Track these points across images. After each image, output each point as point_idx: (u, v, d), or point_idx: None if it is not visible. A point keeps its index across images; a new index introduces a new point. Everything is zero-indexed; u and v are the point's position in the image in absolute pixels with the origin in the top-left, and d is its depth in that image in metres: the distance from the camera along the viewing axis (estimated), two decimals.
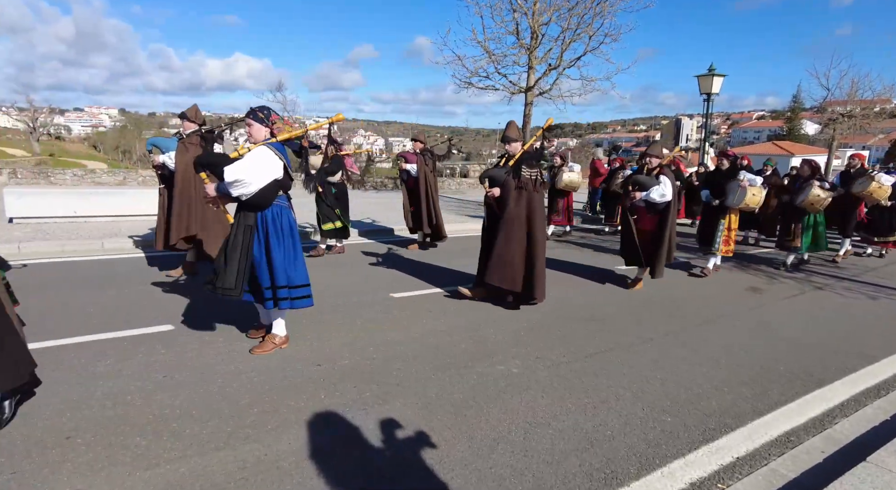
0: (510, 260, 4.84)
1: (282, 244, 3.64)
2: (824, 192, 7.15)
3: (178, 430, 2.73)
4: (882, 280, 7.18)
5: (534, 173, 4.90)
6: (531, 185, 4.88)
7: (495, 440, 2.77)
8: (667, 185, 5.62)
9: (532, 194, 4.89)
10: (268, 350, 3.78)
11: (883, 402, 3.46)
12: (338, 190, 7.23)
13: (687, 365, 3.90)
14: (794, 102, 59.66)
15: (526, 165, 4.85)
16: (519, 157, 4.87)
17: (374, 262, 6.94)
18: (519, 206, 4.86)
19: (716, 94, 13.38)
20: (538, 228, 4.92)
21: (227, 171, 3.36)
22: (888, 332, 4.92)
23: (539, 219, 4.93)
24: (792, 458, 2.73)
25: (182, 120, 5.61)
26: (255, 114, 3.59)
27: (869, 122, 24.36)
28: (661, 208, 5.76)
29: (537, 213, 4.92)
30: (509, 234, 4.85)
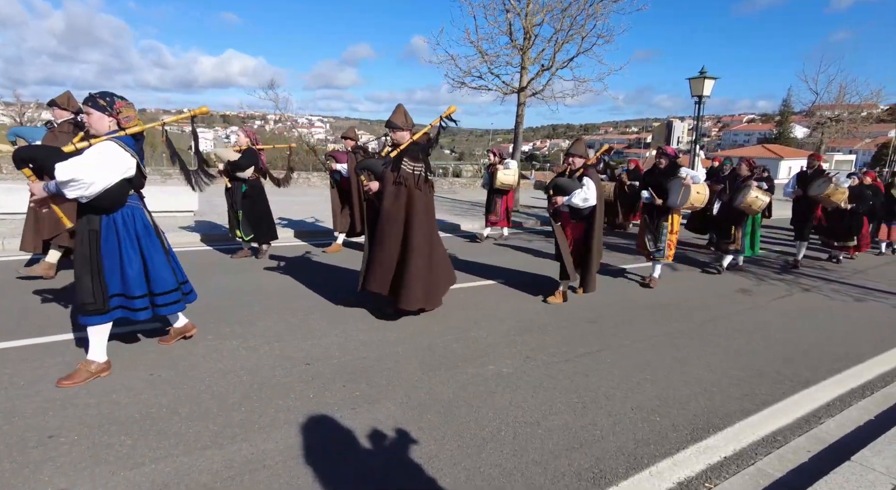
0: (381, 260, 4.39)
1: (136, 249, 3.23)
2: (763, 194, 6.86)
3: (164, 428, 2.69)
4: (869, 282, 7.27)
5: (418, 168, 4.32)
6: (412, 181, 4.30)
7: (485, 440, 2.76)
8: (590, 188, 5.06)
9: (413, 191, 4.31)
10: (78, 381, 3.10)
11: (867, 403, 3.50)
12: (250, 189, 6.50)
13: (677, 365, 3.92)
14: (784, 106, 60.43)
15: (409, 158, 4.30)
16: (404, 148, 4.34)
17: None
18: (397, 203, 4.32)
19: (707, 97, 13.49)
20: (416, 230, 4.34)
21: (59, 168, 2.82)
22: (874, 333, 4.98)
23: (418, 220, 4.34)
24: (778, 458, 2.75)
25: (52, 108, 5.10)
26: (95, 101, 3.05)
27: (856, 126, 24.72)
28: (587, 214, 5.21)
29: (417, 212, 4.34)
30: (382, 234, 4.38)
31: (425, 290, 4.47)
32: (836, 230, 8.59)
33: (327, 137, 58.95)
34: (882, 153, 39.97)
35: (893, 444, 2.75)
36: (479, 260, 7.39)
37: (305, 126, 79.99)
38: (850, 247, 8.59)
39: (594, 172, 5.23)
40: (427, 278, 4.47)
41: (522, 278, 6.39)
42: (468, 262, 7.17)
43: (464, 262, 7.12)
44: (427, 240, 4.47)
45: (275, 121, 36.25)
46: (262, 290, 5.34)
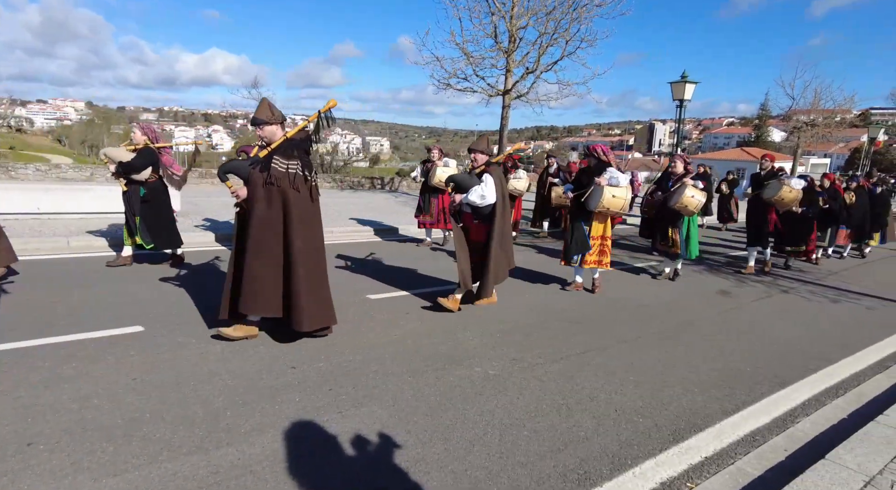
0: (261, 277, 3.78)
1: None
2: (699, 193, 6.42)
3: (148, 434, 2.66)
4: (843, 283, 7.48)
5: (293, 166, 3.79)
6: (287, 181, 3.76)
7: (471, 442, 2.78)
8: (488, 185, 4.72)
9: (289, 193, 3.76)
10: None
11: (841, 402, 3.61)
12: (150, 192, 5.87)
13: (659, 366, 3.99)
14: (762, 110, 61.77)
15: (282, 155, 3.78)
16: (279, 145, 3.80)
17: (351, 263, 6.89)
18: (271, 208, 3.76)
19: (688, 101, 13.72)
20: (298, 238, 3.80)
21: None
22: (847, 334, 5.13)
23: (300, 226, 3.80)
24: (757, 457, 2.82)
25: None
26: None
27: (830, 130, 25.39)
28: (488, 214, 4.82)
29: (297, 218, 3.80)
30: (259, 245, 3.77)
31: (321, 305, 3.93)
32: (787, 235, 8.29)
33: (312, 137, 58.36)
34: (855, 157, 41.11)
35: (865, 442, 2.85)
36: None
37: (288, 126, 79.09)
38: (801, 251, 8.31)
39: (497, 170, 4.93)
40: (319, 292, 3.95)
41: (509, 280, 6.42)
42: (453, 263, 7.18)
43: (449, 263, 7.15)
44: (314, 250, 3.95)
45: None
46: None
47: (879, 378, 4.07)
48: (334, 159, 25.21)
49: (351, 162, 28.05)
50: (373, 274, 6.34)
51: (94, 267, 5.96)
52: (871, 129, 24.81)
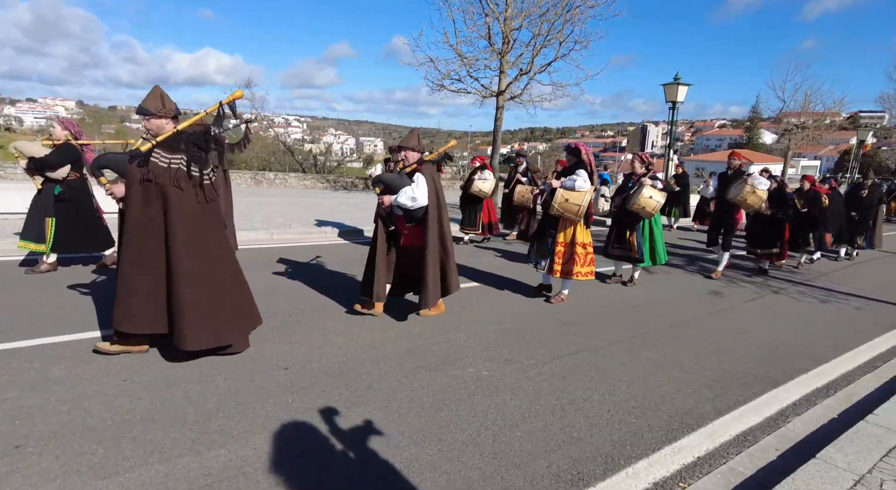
0: (137, 288, 3.35)
1: None
2: (658, 193, 6.06)
3: (138, 436, 2.63)
4: (832, 284, 7.55)
5: (176, 160, 3.35)
6: (168, 178, 3.31)
7: (465, 443, 2.78)
8: (419, 186, 4.34)
9: (170, 192, 3.33)
10: None
11: (831, 401, 3.64)
12: (67, 191, 5.43)
13: (653, 367, 4.01)
14: (754, 112, 62.37)
15: (165, 149, 3.34)
16: (164, 138, 3.35)
17: (344, 263, 6.87)
18: (148, 208, 3.32)
19: (681, 103, 13.82)
20: (183, 243, 3.35)
21: None
22: (837, 334, 5.18)
23: (181, 228, 3.35)
24: (749, 457, 2.84)
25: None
26: None
27: (820, 133, 25.65)
28: (421, 217, 4.45)
29: (181, 220, 3.35)
30: (134, 251, 3.35)
31: (214, 322, 3.46)
32: (757, 237, 8.03)
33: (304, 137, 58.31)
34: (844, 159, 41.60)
35: (855, 442, 2.88)
36: (458, 262, 7.42)
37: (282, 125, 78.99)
38: (772, 255, 7.95)
39: (430, 169, 4.53)
40: (212, 307, 3.45)
41: (502, 281, 6.44)
42: None
43: None
44: (207, 258, 3.48)
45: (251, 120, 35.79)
46: None
47: (869, 378, 4.11)
48: (328, 160, 25.13)
49: (345, 162, 27.95)
50: None
51: (87, 266, 5.89)
52: (860, 131, 25.10)
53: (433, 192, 4.45)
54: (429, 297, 4.42)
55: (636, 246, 6.32)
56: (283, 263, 6.72)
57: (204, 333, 3.42)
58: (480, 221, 8.95)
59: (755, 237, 8.04)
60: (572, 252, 5.37)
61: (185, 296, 3.36)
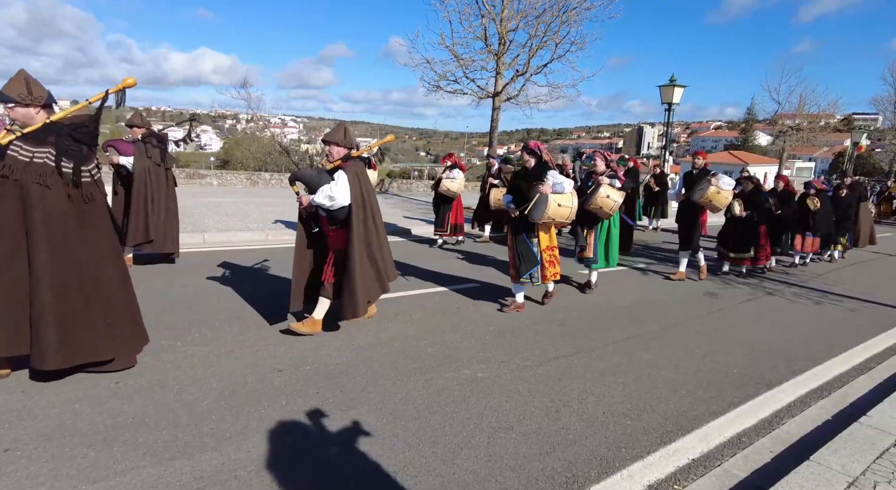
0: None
1: None
2: (615, 192, 5.74)
3: (130, 439, 2.61)
4: (826, 286, 7.58)
5: (41, 154, 2.94)
6: (31, 174, 2.90)
7: (459, 445, 2.77)
8: (340, 184, 3.92)
9: (31, 189, 2.90)
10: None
11: (826, 403, 3.65)
12: None
13: (647, 368, 4.01)
14: (749, 114, 62.68)
15: (29, 142, 2.93)
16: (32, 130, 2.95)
17: None
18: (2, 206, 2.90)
19: (676, 104, 13.87)
20: (43, 248, 2.92)
21: None
22: (831, 335, 5.20)
23: (44, 231, 2.92)
24: (743, 459, 2.84)
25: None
26: None
27: (815, 135, 25.80)
28: (343, 219, 4.03)
29: (39, 222, 2.91)
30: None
31: (89, 337, 3.06)
32: (730, 240, 7.67)
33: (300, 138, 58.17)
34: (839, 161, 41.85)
35: (849, 444, 2.88)
36: (454, 264, 7.42)
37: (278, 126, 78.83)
38: (746, 259, 7.63)
39: (357, 166, 4.09)
40: (85, 320, 3.05)
41: (497, 282, 6.44)
42: (443, 265, 7.18)
43: (439, 265, 7.13)
44: (77, 263, 3.04)
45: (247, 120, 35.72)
46: (233, 295, 5.23)
47: (863, 380, 4.12)
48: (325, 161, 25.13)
49: None
50: None
51: None
52: (854, 133, 25.24)
53: (357, 192, 4.01)
54: (357, 307, 3.96)
55: (591, 245, 6.08)
56: (279, 265, 6.69)
57: (73, 349, 3.00)
58: (448, 222, 8.69)
59: (727, 238, 7.71)
60: (552, 255, 5.21)
61: (49, 306, 2.92)
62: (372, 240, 4.15)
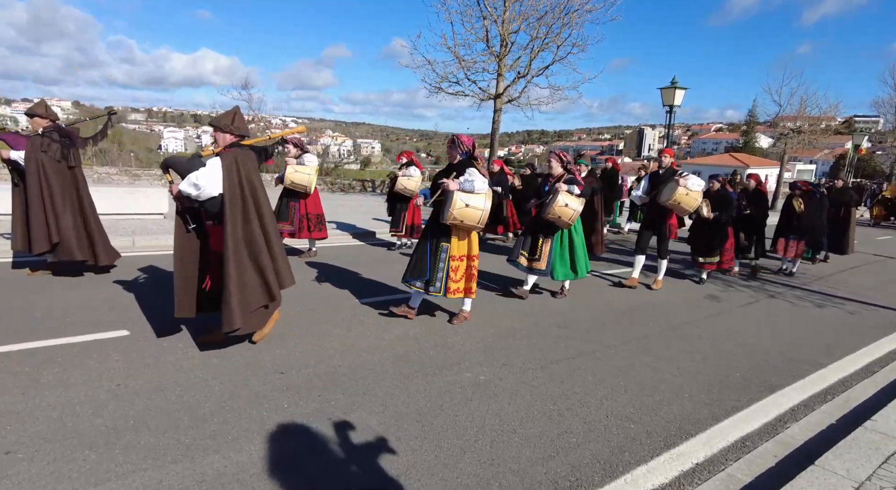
0: None
1: None
2: (574, 200, 5.28)
3: (131, 442, 2.60)
4: (828, 288, 7.57)
5: None
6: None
7: (462, 449, 2.76)
8: (210, 171, 3.45)
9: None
10: None
11: (829, 407, 3.63)
12: None
13: (650, 371, 3.99)
14: (750, 116, 62.70)
15: None
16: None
17: (342, 267, 6.83)
18: None
19: (678, 107, 13.85)
20: None
21: None
22: (834, 339, 5.18)
23: None
24: (747, 463, 2.82)
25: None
26: None
27: (816, 137, 25.79)
28: (216, 213, 3.56)
29: None
30: None
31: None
32: (697, 244, 7.22)
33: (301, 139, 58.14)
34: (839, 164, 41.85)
35: (853, 448, 2.87)
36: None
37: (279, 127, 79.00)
38: (713, 263, 7.18)
39: (241, 155, 3.61)
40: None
41: (499, 284, 6.42)
42: None
43: None
44: None
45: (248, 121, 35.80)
46: None
47: (866, 383, 4.11)
48: (325, 161, 25.12)
49: (342, 164, 27.93)
50: (364, 277, 6.29)
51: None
52: (854, 136, 25.25)
53: (235, 182, 3.51)
54: (233, 317, 3.47)
55: (547, 257, 5.54)
56: None
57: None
58: (404, 223, 8.22)
59: (695, 243, 7.28)
60: (469, 266, 4.54)
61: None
62: (255, 239, 3.60)
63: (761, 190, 8.03)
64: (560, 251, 5.59)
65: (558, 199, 5.27)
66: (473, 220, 4.32)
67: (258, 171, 3.77)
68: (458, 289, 4.54)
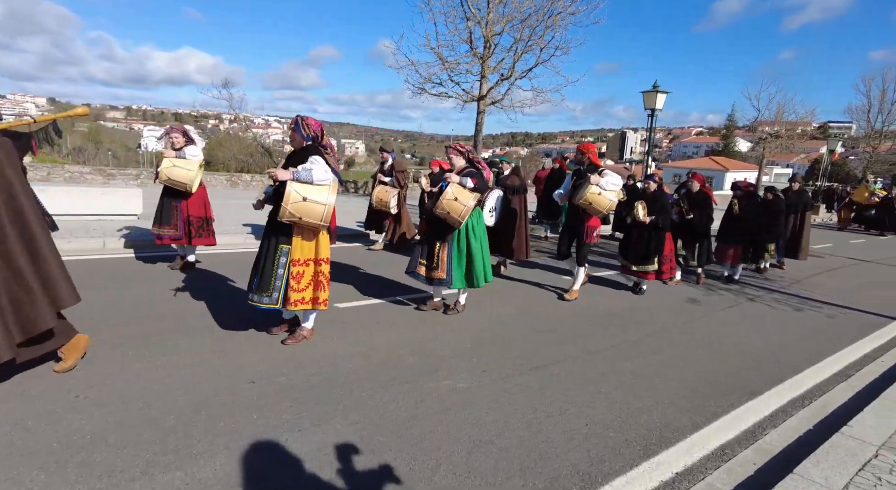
0: None
1: None
2: (465, 195, 4.70)
3: (86, 459, 2.45)
4: (805, 292, 7.65)
5: None
6: None
7: (438, 461, 2.67)
8: None
9: None
10: None
11: (806, 413, 3.63)
12: None
13: (629, 377, 3.95)
14: (730, 121, 63.86)
15: None
16: None
17: None
18: None
19: (659, 110, 13.97)
20: None
21: None
22: (811, 342, 5.22)
23: None
24: (727, 472, 2.79)
25: None
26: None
27: (793, 142, 26.34)
28: None
29: None
30: None
31: None
32: (630, 250, 6.55)
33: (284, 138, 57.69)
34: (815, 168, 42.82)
35: (831, 455, 2.85)
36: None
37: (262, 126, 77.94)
38: (649, 272, 6.50)
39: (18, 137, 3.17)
40: None
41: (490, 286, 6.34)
42: None
43: None
44: None
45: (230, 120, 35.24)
46: (207, 301, 5.05)
47: (842, 388, 4.12)
48: None
49: None
50: (343, 281, 6.16)
51: None
52: (829, 141, 25.81)
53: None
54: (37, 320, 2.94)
55: (445, 264, 4.87)
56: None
57: None
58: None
59: (628, 248, 6.62)
60: (317, 271, 3.93)
61: None
62: (11, 248, 2.88)
63: (706, 191, 7.44)
64: (458, 257, 4.92)
65: (447, 191, 4.71)
66: (314, 216, 3.68)
67: (17, 164, 3.01)
68: (303, 299, 3.87)
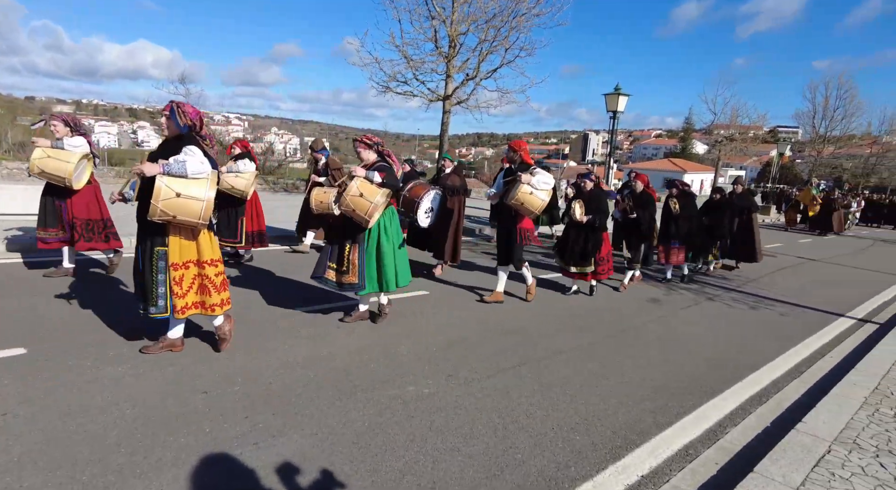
0: None
1: None
2: (370, 190, 4.33)
3: (10, 485, 2.23)
4: (760, 290, 7.93)
5: None
6: None
7: (401, 472, 2.57)
8: None
9: None
10: None
11: (763, 410, 3.72)
12: None
13: (595, 379, 3.96)
14: (687, 123, 66.13)
15: None
16: None
17: (281, 270, 6.46)
18: None
19: (621, 112, 14.25)
20: None
21: None
22: (766, 339, 5.38)
23: None
24: (691, 472, 2.81)
25: None
26: None
27: (746, 145, 27.48)
28: None
29: None
30: None
31: None
32: (567, 252, 6.31)
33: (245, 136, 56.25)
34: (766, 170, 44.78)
35: (788, 452, 2.91)
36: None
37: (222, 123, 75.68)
38: (586, 273, 6.32)
39: None
40: None
41: (450, 289, 6.28)
42: None
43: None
44: None
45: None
46: None
47: (795, 384, 4.26)
48: (268, 159, 24.19)
49: (286, 163, 26.92)
50: (304, 284, 5.97)
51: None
52: (779, 145, 27.12)
53: None
54: None
55: (357, 268, 4.48)
56: None
57: None
58: (243, 230, 6.58)
59: (564, 249, 6.38)
60: (200, 274, 3.57)
61: None
62: None
63: (649, 191, 7.29)
64: (369, 259, 4.55)
65: (351, 186, 4.31)
66: (191, 214, 3.30)
67: None
68: (190, 304, 3.52)
